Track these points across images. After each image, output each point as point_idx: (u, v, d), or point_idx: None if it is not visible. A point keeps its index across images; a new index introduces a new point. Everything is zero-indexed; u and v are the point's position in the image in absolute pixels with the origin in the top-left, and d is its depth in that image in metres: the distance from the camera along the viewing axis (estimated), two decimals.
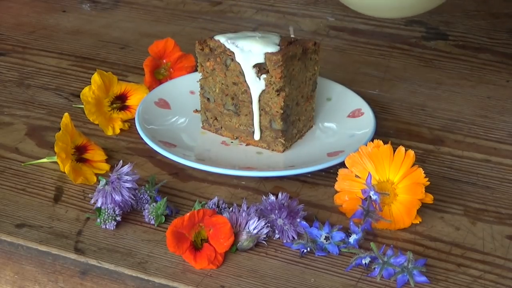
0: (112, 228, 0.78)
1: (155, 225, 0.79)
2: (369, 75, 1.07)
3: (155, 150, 0.86)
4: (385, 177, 0.79)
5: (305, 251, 0.75)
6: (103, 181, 0.79)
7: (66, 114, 0.85)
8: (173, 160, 0.85)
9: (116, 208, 0.78)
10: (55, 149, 0.83)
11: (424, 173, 0.78)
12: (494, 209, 0.82)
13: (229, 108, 0.90)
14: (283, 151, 0.89)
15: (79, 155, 0.86)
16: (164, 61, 1.02)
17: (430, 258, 0.75)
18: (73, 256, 0.75)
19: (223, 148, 0.90)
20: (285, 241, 0.77)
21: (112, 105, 0.95)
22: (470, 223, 0.80)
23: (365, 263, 0.74)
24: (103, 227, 0.78)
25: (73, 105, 0.99)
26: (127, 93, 0.96)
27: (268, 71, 0.85)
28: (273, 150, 0.90)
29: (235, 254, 0.76)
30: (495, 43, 1.15)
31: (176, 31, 1.17)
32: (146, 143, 0.87)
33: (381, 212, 0.78)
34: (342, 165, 0.82)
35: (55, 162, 0.85)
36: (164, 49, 1.01)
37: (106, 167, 0.87)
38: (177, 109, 0.95)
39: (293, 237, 0.77)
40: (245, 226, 0.76)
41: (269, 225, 0.77)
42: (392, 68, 1.09)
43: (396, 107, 1.00)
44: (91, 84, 0.93)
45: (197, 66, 0.91)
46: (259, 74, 0.86)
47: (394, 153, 0.79)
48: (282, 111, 0.87)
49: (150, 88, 0.98)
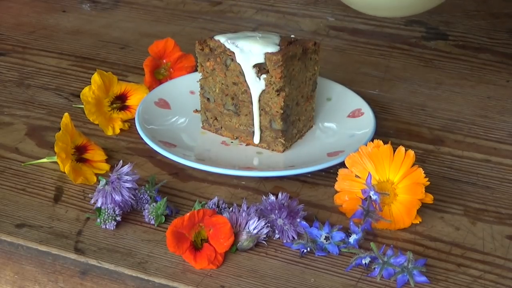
0: (112, 228, 0.78)
1: (155, 225, 0.78)
2: (369, 75, 1.07)
3: (155, 150, 0.86)
4: (385, 177, 0.79)
5: (305, 251, 0.75)
6: (103, 181, 0.79)
7: (66, 114, 0.85)
8: (173, 160, 0.85)
9: (116, 208, 0.78)
10: (55, 149, 0.83)
11: (424, 173, 0.78)
12: (494, 209, 0.82)
13: (229, 108, 0.90)
14: (283, 151, 0.89)
15: (79, 155, 0.86)
16: (164, 61, 1.02)
17: (430, 258, 0.75)
18: (73, 256, 0.75)
19: (223, 148, 0.90)
20: (285, 241, 0.77)
21: (112, 105, 0.95)
22: (470, 223, 0.80)
23: (365, 263, 0.74)
24: (103, 227, 0.78)
25: (73, 105, 0.99)
26: (127, 93, 0.96)
27: (268, 71, 0.85)
28: (273, 150, 0.89)
29: (235, 254, 0.75)
30: (495, 43, 1.15)
31: (176, 31, 1.17)
32: (146, 143, 0.87)
33: (381, 212, 0.78)
34: (342, 165, 0.82)
35: (55, 162, 0.85)
36: (164, 49, 1.01)
37: (106, 167, 0.87)
38: (177, 109, 0.95)
39: (293, 237, 0.77)
40: (245, 226, 0.76)
41: (269, 225, 0.77)
42: (392, 68, 1.09)
43: (396, 107, 1.00)
44: (91, 84, 0.93)
45: (197, 66, 0.91)
46: (259, 74, 0.86)
47: (394, 153, 0.79)
48: (282, 111, 0.87)
49: (150, 88, 0.98)
